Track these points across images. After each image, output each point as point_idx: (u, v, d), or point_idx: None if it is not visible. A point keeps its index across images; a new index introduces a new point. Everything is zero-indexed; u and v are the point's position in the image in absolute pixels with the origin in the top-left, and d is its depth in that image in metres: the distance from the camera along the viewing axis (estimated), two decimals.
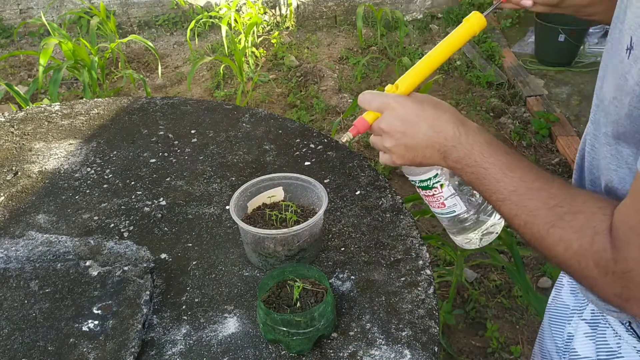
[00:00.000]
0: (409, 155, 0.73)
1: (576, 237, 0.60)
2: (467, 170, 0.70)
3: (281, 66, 3.97)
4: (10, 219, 1.13)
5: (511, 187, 0.66)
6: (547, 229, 0.62)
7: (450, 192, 0.80)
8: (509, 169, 0.67)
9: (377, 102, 0.74)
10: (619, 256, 0.56)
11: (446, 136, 0.71)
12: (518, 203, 0.65)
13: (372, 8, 4.36)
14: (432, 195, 0.81)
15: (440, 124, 0.71)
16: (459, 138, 0.70)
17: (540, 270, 2.20)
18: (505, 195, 0.67)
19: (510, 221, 0.67)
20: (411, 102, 0.73)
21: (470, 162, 0.69)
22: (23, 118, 1.50)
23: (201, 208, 1.15)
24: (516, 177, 0.66)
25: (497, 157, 0.68)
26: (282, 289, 0.89)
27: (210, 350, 0.85)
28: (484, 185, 0.69)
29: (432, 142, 0.71)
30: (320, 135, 1.38)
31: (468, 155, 0.69)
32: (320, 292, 0.87)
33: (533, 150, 2.93)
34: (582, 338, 0.81)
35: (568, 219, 0.61)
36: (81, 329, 0.86)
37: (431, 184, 0.80)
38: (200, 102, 1.56)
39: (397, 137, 0.72)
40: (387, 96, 0.74)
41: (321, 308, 0.82)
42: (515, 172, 0.67)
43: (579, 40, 3.60)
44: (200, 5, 4.66)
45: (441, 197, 0.80)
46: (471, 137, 0.70)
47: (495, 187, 0.67)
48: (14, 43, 4.41)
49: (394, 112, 0.73)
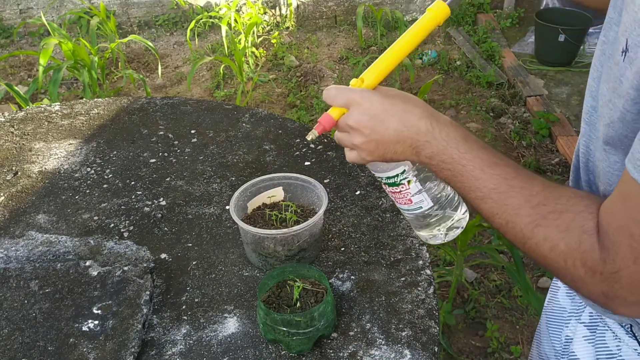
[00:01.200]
0: (379, 152, 0.70)
1: (562, 236, 0.59)
2: (443, 166, 0.67)
3: (281, 66, 3.97)
4: (10, 219, 1.13)
5: (491, 184, 0.64)
6: (531, 229, 0.61)
7: (418, 189, 0.78)
8: (488, 166, 0.65)
9: (342, 98, 0.71)
10: (608, 256, 0.55)
11: (418, 131, 0.67)
12: (499, 201, 0.63)
13: (372, 8, 4.36)
14: (399, 192, 0.79)
15: (410, 119, 0.68)
16: (432, 132, 0.67)
17: (540, 270, 2.21)
18: (484, 194, 0.64)
19: (491, 220, 0.65)
20: (379, 96, 0.70)
21: (446, 158, 0.66)
22: (23, 118, 1.50)
23: (201, 208, 1.15)
24: (496, 174, 0.64)
25: (474, 153, 0.66)
26: (282, 289, 0.89)
27: (210, 350, 0.85)
28: (461, 183, 0.66)
29: (403, 138, 0.68)
30: (320, 135, 1.38)
31: (442, 151, 0.67)
32: (320, 292, 0.87)
33: (533, 150, 2.93)
34: (580, 341, 0.80)
35: (553, 218, 0.60)
36: (81, 329, 0.86)
37: (398, 181, 0.77)
38: (200, 102, 1.56)
39: (366, 134, 0.69)
40: (353, 91, 0.71)
41: (321, 308, 0.82)
42: (495, 169, 0.64)
43: (579, 40, 3.60)
44: (200, 5, 4.66)
45: (408, 193, 0.78)
46: (445, 131, 0.67)
47: (474, 184, 0.65)
48: (14, 43, 4.41)
49: (361, 107, 0.69)
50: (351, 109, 0.71)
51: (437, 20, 0.74)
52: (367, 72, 0.73)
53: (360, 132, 0.70)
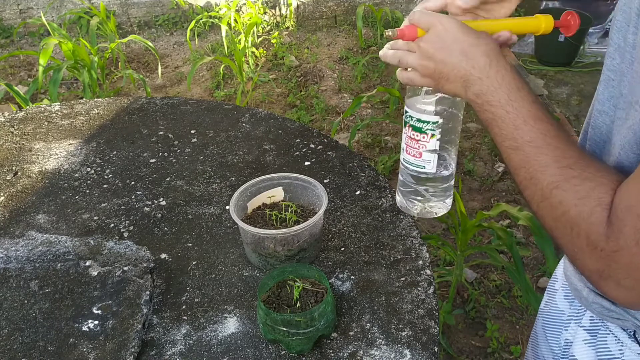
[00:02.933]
0: (434, 75, 0.71)
1: (576, 203, 0.58)
2: (487, 108, 0.67)
3: (281, 66, 3.97)
4: (10, 219, 1.13)
5: (528, 137, 0.63)
6: (550, 189, 0.61)
7: (434, 147, 0.79)
8: (532, 119, 0.64)
9: (425, 20, 0.72)
10: (612, 233, 0.55)
11: (474, 64, 0.68)
12: (530, 155, 0.63)
13: (372, 8, 4.36)
14: (417, 141, 0.79)
15: (474, 52, 0.68)
16: (487, 71, 0.67)
17: (540, 270, 2.21)
18: (519, 144, 0.64)
19: (516, 173, 0.65)
20: (456, 24, 0.70)
21: (493, 100, 0.66)
22: (23, 118, 1.50)
23: (201, 208, 1.15)
24: (536, 128, 0.63)
25: (522, 103, 0.65)
26: (282, 289, 0.89)
27: (210, 350, 0.85)
28: (499, 129, 0.66)
29: (459, 68, 0.69)
30: (320, 135, 1.38)
31: (492, 92, 0.66)
32: (320, 292, 0.87)
33: None
34: (581, 345, 0.79)
35: (574, 183, 0.59)
36: (81, 329, 0.86)
37: (425, 128, 0.78)
38: (200, 102, 1.56)
39: (430, 54, 0.70)
40: (437, 15, 0.72)
41: (321, 308, 0.82)
42: (538, 123, 0.64)
43: (579, 40, 3.60)
44: (200, 5, 4.66)
45: (424, 146, 0.79)
46: (501, 74, 0.67)
47: (512, 133, 0.64)
48: (14, 43, 4.41)
49: (436, 30, 0.70)
50: (430, 31, 0.72)
51: (537, 27, 0.79)
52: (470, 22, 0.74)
53: (426, 50, 0.71)
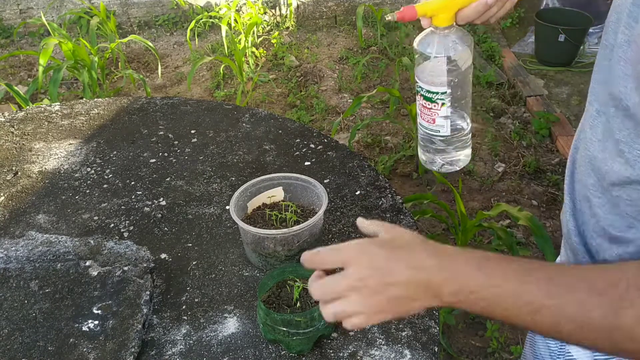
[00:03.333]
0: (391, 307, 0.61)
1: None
2: (474, 298, 0.57)
3: (281, 66, 3.97)
4: (10, 219, 1.13)
5: (540, 291, 0.55)
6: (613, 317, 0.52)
7: (446, 114, 0.81)
8: (525, 274, 0.56)
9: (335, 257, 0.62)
10: None
11: (431, 271, 0.59)
12: (558, 305, 0.54)
13: (372, 8, 4.36)
14: (429, 109, 0.81)
15: (419, 259, 0.60)
16: (447, 268, 0.58)
17: None
18: (536, 305, 0.55)
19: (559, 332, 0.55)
20: (377, 246, 0.62)
21: (475, 288, 0.57)
22: (23, 118, 1.50)
23: (201, 208, 1.15)
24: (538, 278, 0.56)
25: (502, 269, 0.57)
26: (282, 289, 0.89)
27: (210, 350, 0.85)
28: (504, 306, 0.56)
29: (417, 282, 0.59)
30: (320, 135, 1.38)
31: (467, 282, 0.57)
32: None
33: (533, 151, 2.93)
34: None
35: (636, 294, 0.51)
36: (81, 329, 0.86)
37: (435, 98, 0.80)
38: (200, 102, 1.56)
39: (375, 290, 0.60)
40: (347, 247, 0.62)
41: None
42: (534, 274, 0.56)
43: (579, 40, 3.60)
44: (200, 5, 4.66)
45: (436, 114, 0.81)
46: (461, 260, 0.59)
47: (520, 301, 0.55)
48: (14, 43, 4.41)
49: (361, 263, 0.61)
50: (349, 268, 0.61)
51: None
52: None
53: (367, 289, 0.60)
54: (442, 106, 0.80)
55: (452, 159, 0.87)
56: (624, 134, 0.61)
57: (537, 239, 1.68)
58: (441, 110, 0.80)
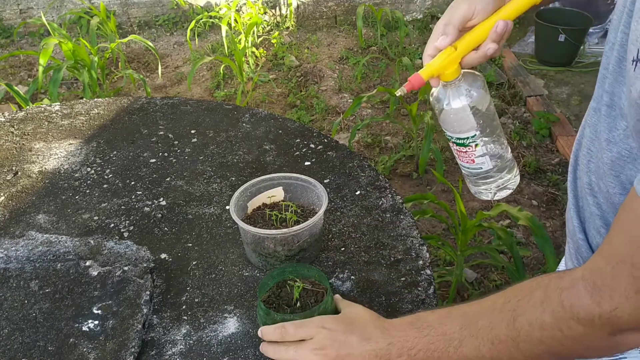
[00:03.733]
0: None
1: (542, 309, 0.59)
2: (414, 353, 0.70)
3: (281, 66, 3.97)
4: (10, 219, 1.13)
5: (457, 327, 0.66)
6: (512, 327, 0.61)
7: (482, 152, 0.83)
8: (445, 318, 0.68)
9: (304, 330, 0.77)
10: (603, 295, 0.55)
11: (377, 340, 0.72)
12: (472, 333, 0.64)
13: (372, 8, 4.36)
14: (465, 152, 0.84)
15: (368, 331, 0.74)
16: (389, 334, 0.72)
17: (540, 270, 2.20)
18: (458, 338, 0.66)
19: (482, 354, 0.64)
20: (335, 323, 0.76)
21: (412, 344, 0.70)
22: (23, 118, 1.50)
23: (201, 208, 1.15)
24: (454, 317, 0.67)
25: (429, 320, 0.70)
26: (282, 289, 0.89)
27: (210, 350, 0.85)
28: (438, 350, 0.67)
29: (367, 351, 0.72)
30: (320, 135, 1.38)
31: (405, 342, 0.70)
32: (320, 292, 0.87)
33: (533, 150, 2.93)
34: None
35: (525, 302, 0.60)
36: (81, 329, 0.86)
37: (467, 142, 0.82)
38: (200, 102, 1.56)
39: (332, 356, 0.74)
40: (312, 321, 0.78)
41: (321, 308, 0.82)
42: (451, 314, 0.68)
43: (579, 40, 3.60)
44: (200, 5, 4.66)
45: (473, 154, 0.83)
46: (397, 326, 0.73)
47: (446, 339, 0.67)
48: (14, 43, 4.41)
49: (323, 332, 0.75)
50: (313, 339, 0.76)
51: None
52: (460, 42, 0.76)
53: (325, 355, 0.74)
54: (476, 147, 0.82)
55: (502, 184, 0.88)
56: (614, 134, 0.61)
57: (537, 239, 1.68)
58: (476, 150, 0.83)
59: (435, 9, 4.71)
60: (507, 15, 0.76)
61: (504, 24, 0.75)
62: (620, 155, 0.60)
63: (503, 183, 0.87)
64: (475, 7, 0.75)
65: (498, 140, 0.84)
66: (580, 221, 0.74)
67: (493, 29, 0.75)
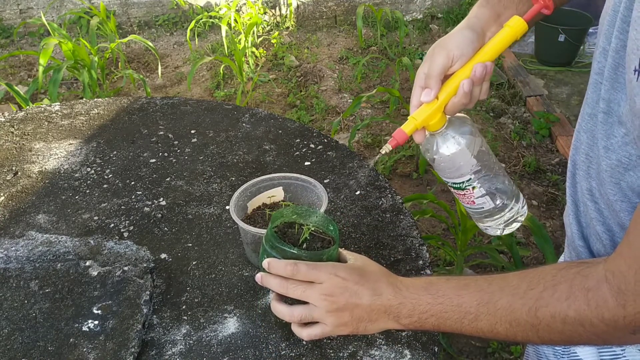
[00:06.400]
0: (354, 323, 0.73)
1: (567, 304, 0.59)
2: (425, 317, 0.69)
3: (281, 66, 3.97)
4: (10, 219, 1.13)
5: (474, 301, 0.65)
6: (534, 315, 0.61)
7: (481, 193, 0.83)
8: (462, 289, 0.67)
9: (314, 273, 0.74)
10: (628, 299, 0.55)
11: (388, 297, 0.71)
12: (490, 311, 0.64)
13: (372, 8, 4.36)
14: (464, 195, 0.84)
15: (380, 287, 0.72)
16: (401, 293, 0.71)
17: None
18: (474, 313, 0.65)
19: (496, 333, 0.65)
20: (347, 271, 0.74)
21: (424, 308, 0.69)
22: (23, 118, 1.50)
23: (201, 208, 1.15)
24: (472, 291, 0.66)
25: (442, 288, 0.69)
26: (289, 229, 0.85)
27: (210, 350, 0.85)
28: (449, 320, 0.67)
29: (377, 306, 0.72)
30: (320, 135, 1.38)
31: (417, 303, 0.70)
32: (327, 240, 0.84)
33: (533, 150, 2.93)
34: None
35: (549, 295, 0.60)
36: (81, 329, 0.86)
37: (464, 186, 0.82)
38: (200, 102, 1.56)
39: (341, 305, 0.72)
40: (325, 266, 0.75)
41: (330, 251, 0.79)
42: (468, 288, 0.67)
43: (579, 40, 3.60)
44: (200, 5, 4.66)
45: (472, 196, 0.83)
46: (410, 287, 0.72)
47: (460, 312, 0.66)
48: (14, 43, 4.41)
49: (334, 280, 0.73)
50: (323, 284, 0.74)
51: (515, 36, 0.75)
52: (441, 92, 0.75)
53: (335, 304, 0.73)
54: (473, 189, 0.82)
55: (509, 218, 0.87)
56: (612, 141, 0.61)
57: (537, 239, 1.68)
58: (474, 192, 0.83)
59: (435, 9, 4.71)
60: (486, 57, 0.74)
61: (482, 67, 0.73)
62: (620, 163, 0.60)
63: (510, 217, 0.87)
64: (454, 54, 0.74)
65: (496, 176, 0.84)
66: (579, 227, 0.74)
67: (472, 74, 0.73)
